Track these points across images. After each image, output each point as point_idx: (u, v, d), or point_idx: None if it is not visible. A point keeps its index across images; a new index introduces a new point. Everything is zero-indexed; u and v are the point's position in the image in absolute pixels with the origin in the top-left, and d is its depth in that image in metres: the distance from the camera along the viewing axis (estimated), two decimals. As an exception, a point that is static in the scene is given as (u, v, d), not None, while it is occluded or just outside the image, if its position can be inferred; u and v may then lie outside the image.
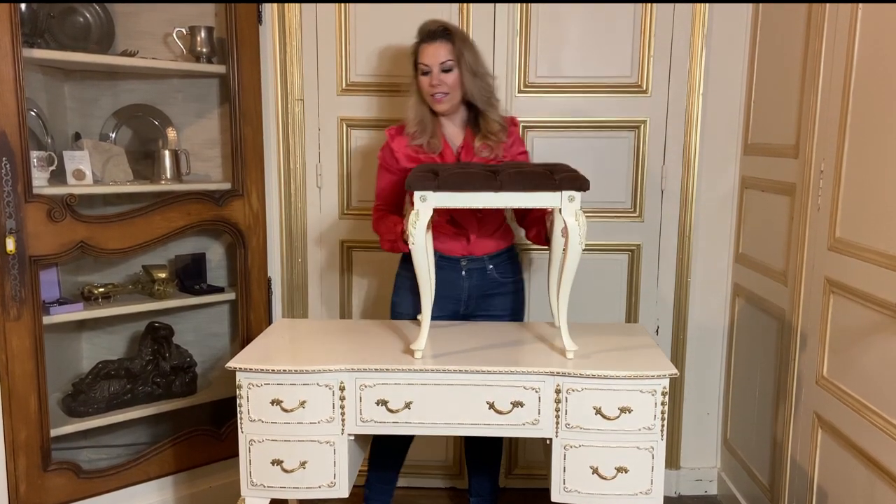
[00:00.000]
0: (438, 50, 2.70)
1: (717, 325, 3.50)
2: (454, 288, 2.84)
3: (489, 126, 2.77)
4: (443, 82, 2.70)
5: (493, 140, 2.76)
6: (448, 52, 2.70)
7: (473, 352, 2.45)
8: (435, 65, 2.69)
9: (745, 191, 3.30)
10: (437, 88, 2.70)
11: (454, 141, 2.82)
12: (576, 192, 2.29)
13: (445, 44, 2.71)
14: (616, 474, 2.31)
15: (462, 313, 2.88)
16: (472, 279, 2.84)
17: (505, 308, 2.90)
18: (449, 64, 2.70)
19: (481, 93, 2.77)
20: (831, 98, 2.50)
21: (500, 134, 2.78)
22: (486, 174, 2.33)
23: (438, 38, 2.71)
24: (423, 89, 2.73)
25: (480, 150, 2.76)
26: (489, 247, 2.84)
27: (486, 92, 2.78)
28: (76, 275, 3.32)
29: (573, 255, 2.32)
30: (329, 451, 2.36)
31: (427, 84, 2.71)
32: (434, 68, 2.69)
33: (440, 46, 2.70)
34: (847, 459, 2.37)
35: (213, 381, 3.51)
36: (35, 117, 3.07)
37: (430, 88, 2.71)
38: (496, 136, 2.77)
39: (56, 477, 2.94)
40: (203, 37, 3.20)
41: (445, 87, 2.70)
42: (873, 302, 2.22)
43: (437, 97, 2.72)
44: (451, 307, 2.87)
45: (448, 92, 2.71)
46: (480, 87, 2.76)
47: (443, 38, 2.71)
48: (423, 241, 2.34)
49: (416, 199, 2.31)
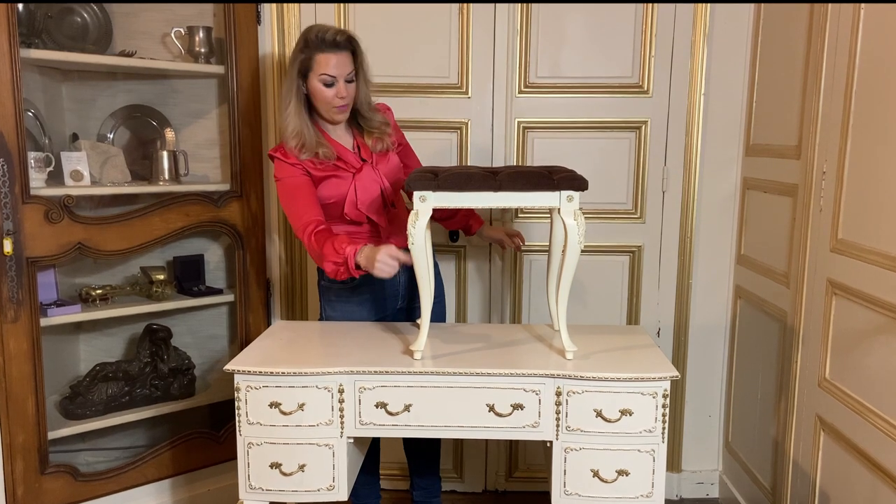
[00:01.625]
0: (344, 60, 2.59)
1: (719, 326, 3.49)
2: (391, 286, 2.83)
3: (371, 123, 2.75)
4: (349, 94, 2.63)
5: (378, 132, 2.75)
6: (352, 61, 2.62)
7: (473, 353, 2.44)
8: (342, 76, 2.59)
9: (747, 192, 3.29)
10: (342, 100, 2.62)
11: (345, 142, 2.76)
12: (574, 191, 2.28)
13: (349, 55, 2.61)
14: (617, 477, 2.30)
15: (399, 307, 2.89)
16: (402, 275, 2.79)
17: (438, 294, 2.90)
18: (352, 75, 2.63)
19: (367, 99, 2.74)
20: (833, 99, 2.49)
21: (382, 126, 2.76)
22: (485, 174, 2.33)
23: (343, 47, 2.59)
24: (324, 99, 2.61)
25: (375, 147, 2.74)
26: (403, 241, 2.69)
27: (369, 97, 2.76)
28: (74, 276, 3.32)
29: (572, 256, 2.31)
30: (328, 454, 2.35)
31: (332, 95, 2.60)
32: (340, 80, 2.59)
33: (345, 56, 2.60)
34: (849, 462, 2.36)
35: (211, 383, 3.50)
36: (32, 118, 3.06)
37: (335, 100, 2.61)
38: (380, 130, 2.75)
39: (53, 480, 2.94)
40: (201, 37, 3.19)
41: (349, 99, 2.64)
42: (876, 304, 2.21)
43: (341, 107, 2.64)
44: (391, 305, 2.88)
45: (349, 103, 2.66)
46: (367, 94, 2.73)
47: (347, 49, 2.60)
48: (423, 242, 2.33)
49: (416, 199, 2.31)
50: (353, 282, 2.74)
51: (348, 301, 2.83)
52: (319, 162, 2.64)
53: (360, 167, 2.70)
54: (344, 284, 2.78)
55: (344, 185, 2.67)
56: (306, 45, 2.58)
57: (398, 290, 2.86)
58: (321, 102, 2.63)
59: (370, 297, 2.83)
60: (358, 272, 2.45)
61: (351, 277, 2.52)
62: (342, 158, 2.68)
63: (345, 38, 2.59)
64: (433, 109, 3.33)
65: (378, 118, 2.77)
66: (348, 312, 2.84)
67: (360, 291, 2.81)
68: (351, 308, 2.84)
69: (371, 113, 2.76)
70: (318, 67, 2.58)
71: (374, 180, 2.70)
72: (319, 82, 2.59)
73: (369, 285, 2.78)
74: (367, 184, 2.68)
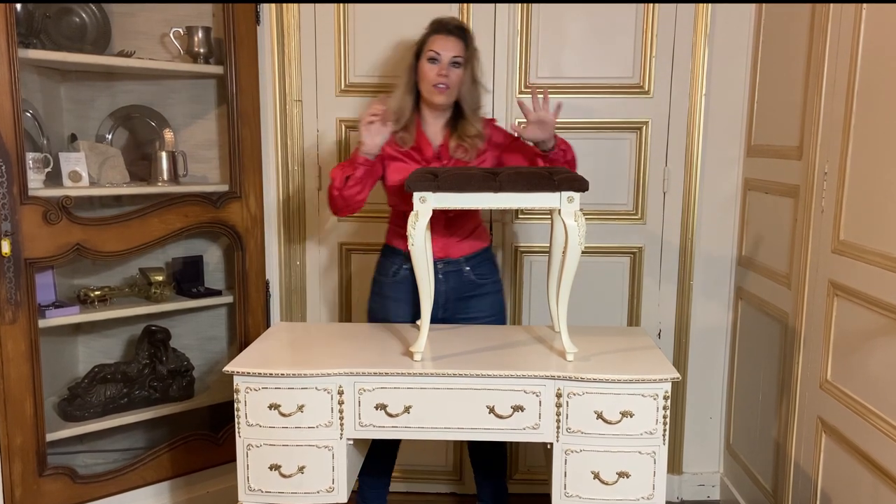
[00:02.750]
0: (454, 44, 2.72)
1: (720, 328, 3.48)
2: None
3: (467, 130, 2.78)
4: (450, 76, 2.71)
5: (468, 143, 2.76)
6: (461, 49, 2.72)
7: (473, 355, 2.43)
8: (447, 56, 2.70)
9: (748, 193, 3.28)
10: (443, 78, 2.70)
11: (434, 140, 2.81)
12: (574, 192, 2.28)
13: (460, 42, 2.73)
14: (617, 479, 2.29)
15: (441, 317, 2.86)
16: (448, 282, 2.82)
17: (483, 310, 2.88)
18: (459, 60, 2.72)
19: (472, 100, 2.79)
20: (835, 99, 2.48)
21: (475, 139, 2.77)
22: (485, 175, 2.32)
23: (455, 34, 2.73)
24: (427, 76, 2.72)
25: (455, 151, 2.77)
26: (465, 249, 2.83)
27: (476, 101, 2.81)
28: (72, 277, 3.31)
29: (572, 257, 2.31)
30: (327, 456, 2.34)
31: (434, 72, 2.70)
32: (444, 59, 2.70)
33: (456, 42, 2.72)
34: (851, 464, 2.35)
35: (210, 385, 3.49)
36: (31, 118, 3.05)
37: (436, 77, 2.70)
38: (471, 140, 2.77)
39: (52, 482, 2.93)
40: (200, 37, 3.18)
41: (448, 81, 2.71)
42: (877, 305, 2.20)
43: (439, 87, 2.71)
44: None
45: (450, 86, 2.72)
46: (473, 95, 2.79)
47: (459, 36, 2.74)
48: (423, 242, 2.32)
49: (416, 199, 2.31)
50: (396, 275, 2.83)
51: (387, 296, 2.88)
52: (395, 143, 2.76)
53: (430, 162, 2.75)
54: (386, 278, 2.87)
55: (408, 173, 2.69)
56: (426, 32, 2.77)
57: (437, 297, 2.81)
58: (424, 81, 2.74)
59: (406, 296, 2.83)
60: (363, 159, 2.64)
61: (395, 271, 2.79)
62: (419, 148, 2.77)
63: (459, 27, 2.78)
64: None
65: (476, 128, 2.78)
66: (384, 307, 2.89)
67: (397, 288, 2.85)
68: (387, 304, 2.88)
69: (473, 118, 2.79)
70: (427, 46, 2.73)
71: None
72: (426, 59, 2.72)
73: (408, 284, 2.80)
74: None
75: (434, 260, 2.78)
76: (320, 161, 3.43)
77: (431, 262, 2.64)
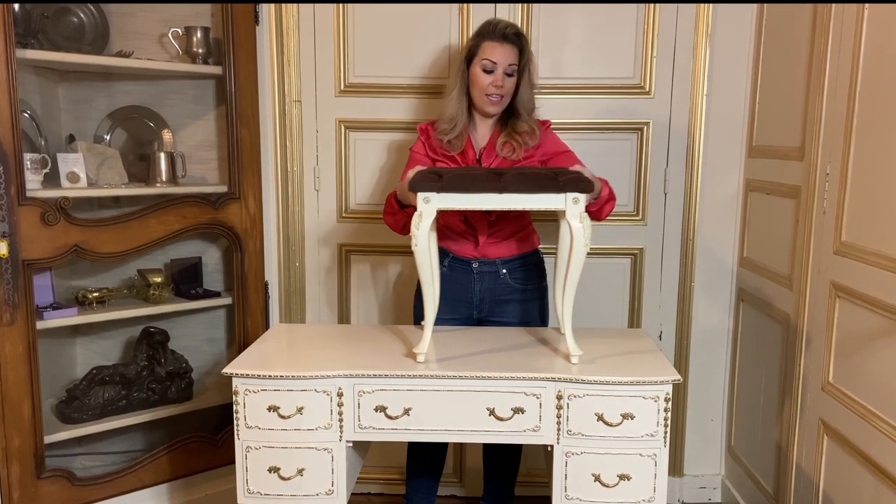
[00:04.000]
0: (508, 52, 2.64)
1: (721, 329, 3.47)
2: (466, 290, 2.81)
3: (518, 126, 2.72)
4: (505, 86, 2.66)
5: (517, 141, 2.70)
6: (516, 56, 2.66)
7: (474, 356, 2.42)
8: (502, 65, 2.64)
9: (750, 194, 3.27)
10: (499, 90, 2.65)
11: (480, 141, 2.78)
12: (580, 193, 2.25)
13: (515, 48, 2.66)
14: (618, 482, 2.28)
15: (476, 318, 2.84)
16: (483, 283, 2.80)
17: (517, 316, 2.84)
18: (513, 69, 2.66)
19: (528, 102, 2.74)
20: (837, 100, 2.47)
21: (525, 136, 2.71)
22: (489, 175, 2.30)
23: (511, 41, 2.66)
24: (480, 86, 2.66)
25: (502, 148, 2.71)
26: (503, 251, 2.79)
27: (532, 102, 2.76)
28: (70, 279, 3.29)
29: (577, 259, 2.29)
30: (327, 459, 2.33)
31: (487, 82, 2.65)
32: (500, 68, 2.64)
33: (511, 49, 2.65)
34: (853, 467, 2.34)
35: (209, 386, 3.49)
36: (28, 119, 3.04)
37: (490, 88, 2.65)
38: (521, 138, 2.71)
39: (50, 484, 2.91)
40: (199, 37, 3.17)
41: (503, 91, 2.66)
42: (880, 307, 2.20)
43: (492, 99, 2.67)
44: (464, 310, 2.84)
45: (504, 95, 2.68)
46: (529, 98, 2.74)
47: (514, 43, 2.66)
48: (427, 243, 2.30)
49: (420, 200, 2.28)
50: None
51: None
52: (442, 149, 2.74)
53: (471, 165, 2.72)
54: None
55: None
56: (478, 34, 2.70)
57: (473, 298, 2.81)
58: (476, 89, 2.69)
59: (443, 294, 2.78)
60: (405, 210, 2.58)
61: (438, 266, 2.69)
62: (464, 152, 2.73)
63: (514, 32, 2.67)
64: (434, 110, 3.30)
65: (527, 126, 2.72)
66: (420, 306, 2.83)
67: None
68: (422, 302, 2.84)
69: (527, 118, 2.73)
70: (481, 53, 2.66)
71: None
72: (480, 67, 2.66)
73: (445, 281, 2.76)
74: None
75: (470, 259, 2.78)
76: (320, 162, 3.42)
77: (436, 263, 2.61)
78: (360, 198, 3.43)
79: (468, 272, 2.80)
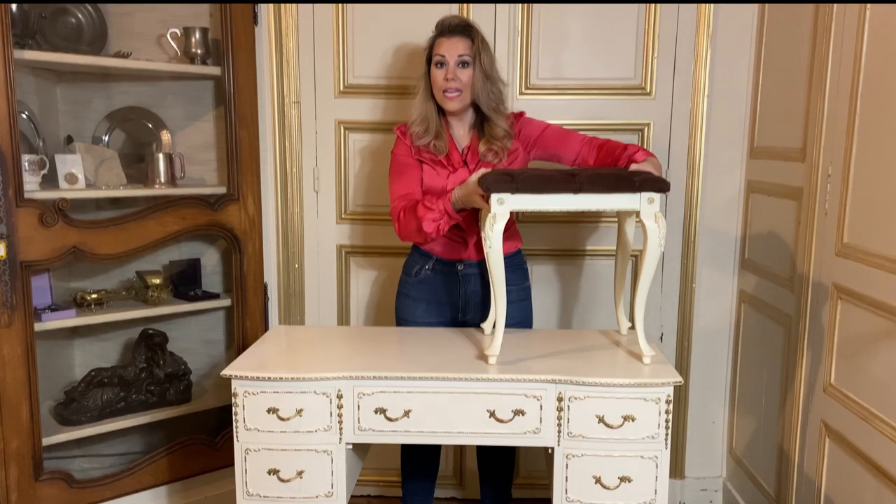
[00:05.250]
0: (457, 44, 2.64)
1: (723, 331, 3.46)
2: (451, 293, 2.81)
3: (494, 131, 2.70)
4: (457, 77, 2.64)
5: (497, 146, 2.69)
6: (466, 47, 2.65)
7: (474, 358, 2.41)
8: (452, 57, 2.63)
9: (751, 195, 3.26)
10: (451, 83, 2.63)
11: (461, 142, 2.77)
12: (655, 193, 2.26)
13: (465, 39, 2.65)
14: (619, 484, 2.28)
15: (461, 320, 2.84)
16: (468, 285, 2.80)
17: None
18: (466, 59, 2.64)
19: (490, 98, 2.69)
20: (839, 100, 2.46)
21: (504, 140, 2.70)
22: (564, 176, 2.28)
23: (458, 32, 2.65)
24: (436, 83, 2.66)
25: (485, 155, 2.70)
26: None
27: (495, 98, 2.71)
28: (68, 281, 3.29)
29: (651, 259, 2.30)
30: (326, 461, 2.33)
31: (441, 77, 2.64)
32: (451, 61, 2.63)
33: (459, 41, 2.64)
34: (855, 469, 2.33)
35: (208, 389, 3.48)
36: (26, 120, 3.04)
37: (443, 82, 2.64)
38: (500, 143, 2.69)
39: (48, 486, 2.91)
40: (197, 38, 3.16)
41: (459, 84, 2.64)
42: (882, 308, 2.19)
43: (449, 94, 2.65)
44: (449, 313, 2.84)
45: (461, 90, 2.65)
46: (490, 92, 2.69)
47: (462, 34, 2.65)
48: (501, 245, 2.29)
49: (494, 201, 2.26)
50: (418, 275, 2.80)
51: (407, 295, 2.86)
52: (428, 152, 2.72)
53: (457, 168, 2.70)
54: (409, 277, 2.85)
55: (438, 180, 2.70)
56: (432, 34, 2.71)
57: (457, 301, 2.81)
58: (436, 88, 2.68)
59: (424, 296, 2.82)
60: (459, 214, 2.55)
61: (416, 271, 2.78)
62: (448, 154, 2.72)
63: (461, 24, 2.68)
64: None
65: (502, 128, 2.70)
66: (402, 305, 2.88)
67: (417, 288, 2.84)
68: (406, 302, 2.87)
69: (496, 117, 2.70)
70: (434, 50, 2.68)
71: None
72: (434, 65, 2.67)
73: (429, 284, 2.79)
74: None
75: (455, 261, 2.77)
76: (319, 163, 3.40)
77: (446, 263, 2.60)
78: (359, 199, 3.42)
79: (453, 275, 2.80)
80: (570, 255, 3.40)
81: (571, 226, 3.38)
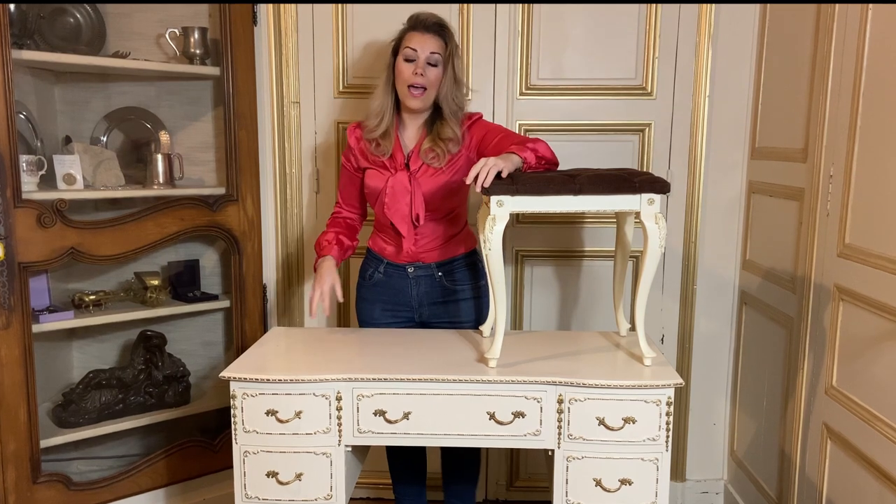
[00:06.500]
0: (429, 41, 2.60)
1: (724, 333, 3.45)
2: (403, 295, 2.81)
3: (443, 132, 2.65)
4: (426, 74, 2.60)
5: (440, 148, 2.64)
6: (439, 46, 2.61)
7: (474, 360, 2.40)
8: (423, 53, 2.59)
9: (753, 196, 3.25)
10: (418, 79, 2.59)
11: (408, 145, 2.73)
12: (655, 194, 2.26)
13: (438, 38, 2.61)
14: (620, 486, 2.27)
15: (417, 320, 2.84)
16: (420, 286, 2.79)
17: (458, 315, 2.82)
18: (436, 58, 2.61)
19: (453, 101, 2.66)
20: (841, 101, 2.45)
21: (449, 144, 2.65)
22: (564, 178, 2.28)
23: (433, 30, 2.61)
24: (402, 76, 2.61)
25: (426, 154, 2.65)
26: (437, 255, 2.77)
27: (458, 103, 2.68)
28: (66, 282, 3.28)
29: (652, 260, 2.30)
30: (325, 463, 2.32)
31: (409, 71, 2.59)
32: (421, 57, 2.59)
33: (433, 38, 2.60)
34: (857, 471, 2.32)
35: (206, 390, 3.47)
36: (24, 120, 3.03)
37: (411, 76, 2.59)
38: (445, 145, 2.64)
39: (46, 489, 2.90)
40: (196, 38, 3.15)
41: (425, 81, 2.60)
42: (884, 310, 2.18)
43: (414, 91, 2.60)
44: (404, 313, 2.84)
45: (426, 88, 2.61)
46: (455, 96, 2.66)
47: (437, 33, 2.62)
48: (500, 247, 2.28)
49: (493, 203, 2.25)
50: (371, 278, 2.83)
51: (363, 298, 2.88)
52: (373, 153, 2.70)
53: (398, 171, 2.67)
54: (363, 280, 2.89)
55: (380, 182, 2.68)
56: (404, 28, 2.67)
57: (411, 302, 2.81)
58: (400, 81, 2.63)
59: (378, 297, 2.83)
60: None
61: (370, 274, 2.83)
62: (392, 154, 2.69)
63: (436, 23, 2.64)
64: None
65: (452, 131, 2.65)
66: (359, 309, 2.90)
67: (372, 290, 2.85)
68: (362, 305, 2.89)
69: (452, 120, 2.66)
70: (404, 43, 2.63)
71: (406, 189, 2.64)
72: (402, 57, 2.62)
73: (382, 286, 2.81)
74: (397, 190, 2.65)
75: (405, 264, 2.77)
76: (318, 164, 3.39)
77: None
78: (359, 200, 3.40)
79: (404, 277, 2.79)
80: (569, 256, 3.39)
81: (570, 227, 3.37)
